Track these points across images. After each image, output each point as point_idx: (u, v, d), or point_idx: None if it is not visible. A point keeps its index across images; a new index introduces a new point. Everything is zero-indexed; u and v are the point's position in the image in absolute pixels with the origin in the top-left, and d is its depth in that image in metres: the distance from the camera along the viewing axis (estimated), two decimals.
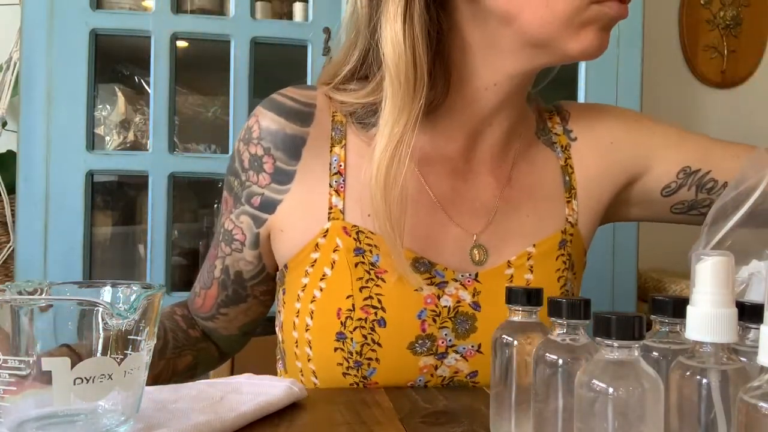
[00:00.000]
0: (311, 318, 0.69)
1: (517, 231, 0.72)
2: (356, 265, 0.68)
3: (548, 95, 1.55)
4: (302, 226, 0.71)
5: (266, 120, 0.72)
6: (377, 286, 0.67)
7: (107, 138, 1.36)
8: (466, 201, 0.72)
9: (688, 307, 0.39)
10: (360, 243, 0.68)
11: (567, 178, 0.77)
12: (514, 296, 0.51)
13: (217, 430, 0.51)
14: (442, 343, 0.68)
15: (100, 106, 1.34)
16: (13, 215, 1.31)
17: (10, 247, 1.33)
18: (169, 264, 1.26)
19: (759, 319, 0.35)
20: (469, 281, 0.69)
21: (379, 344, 0.67)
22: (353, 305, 0.67)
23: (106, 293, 0.54)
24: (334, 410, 0.60)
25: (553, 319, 0.45)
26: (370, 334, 0.66)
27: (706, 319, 0.38)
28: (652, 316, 0.46)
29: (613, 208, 0.80)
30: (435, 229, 0.71)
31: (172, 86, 1.24)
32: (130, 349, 0.48)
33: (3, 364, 0.45)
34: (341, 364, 0.67)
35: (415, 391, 0.67)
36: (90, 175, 1.21)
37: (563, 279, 0.72)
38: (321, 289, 0.69)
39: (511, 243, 0.72)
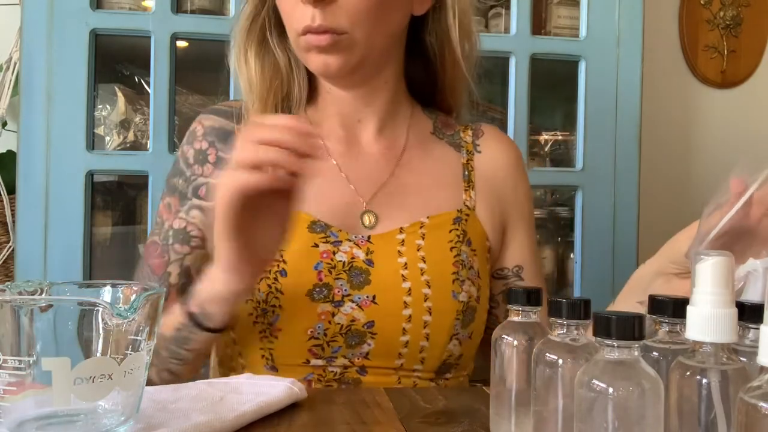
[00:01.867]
0: None
1: (405, 203, 0.83)
2: None
3: (549, 95, 1.54)
4: None
5: (209, 121, 0.85)
6: None
7: (107, 138, 1.36)
8: (358, 173, 0.84)
9: (688, 307, 0.39)
10: None
11: (467, 173, 0.88)
12: (514, 296, 0.51)
13: (217, 430, 0.51)
14: (338, 292, 0.76)
15: (100, 106, 1.34)
16: (13, 215, 1.31)
17: (10, 247, 1.33)
18: None
19: (759, 319, 0.35)
20: (362, 242, 0.79)
21: (281, 292, 0.75)
22: None
23: (106, 293, 0.54)
24: (333, 410, 0.60)
25: (553, 319, 0.45)
26: (273, 283, 0.75)
27: (706, 319, 0.38)
28: (652, 316, 0.46)
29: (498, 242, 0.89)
30: (330, 195, 0.81)
31: (172, 86, 1.24)
32: (130, 349, 0.48)
33: (3, 364, 0.45)
34: (251, 314, 0.76)
35: (415, 391, 0.68)
36: (90, 175, 1.21)
37: (456, 249, 0.80)
38: None
39: (400, 213, 0.82)
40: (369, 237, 0.79)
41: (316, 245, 0.77)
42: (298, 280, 0.75)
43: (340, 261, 0.77)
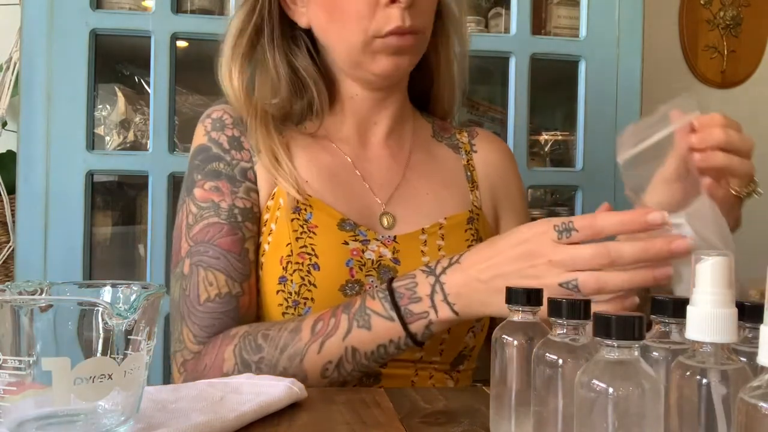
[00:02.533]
0: (261, 269, 0.80)
1: (420, 205, 0.85)
2: (292, 220, 0.79)
3: (549, 95, 1.54)
4: (263, 194, 0.83)
5: (235, 113, 0.85)
6: (310, 237, 0.78)
7: (107, 138, 1.36)
8: (372, 173, 0.86)
9: (688, 307, 0.39)
10: (298, 203, 0.80)
11: (469, 174, 0.91)
12: (514, 296, 0.51)
13: (217, 430, 0.51)
14: (369, 288, 0.77)
15: (100, 106, 1.34)
16: (13, 215, 1.31)
17: (10, 247, 1.33)
18: (169, 264, 1.26)
19: (759, 319, 0.35)
20: (388, 242, 0.81)
21: (314, 285, 0.76)
22: (291, 251, 0.77)
23: (106, 293, 0.54)
24: (334, 410, 0.60)
25: (553, 319, 0.45)
26: (307, 276, 0.77)
27: (706, 319, 0.38)
28: (652, 316, 0.46)
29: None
30: (352, 194, 0.83)
31: (172, 86, 1.24)
32: (130, 349, 0.48)
33: (3, 364, 0.45)
34: (281, 305, 0.77)
35: (415, 391, 0.68)
36: (90, 175, 1.21)
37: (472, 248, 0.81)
38: (269, 243, 0.80)
39: (416, 214, 0.84)
40: (395, 237, 0.81)
41: (346, 243, 0.79)
42: (331, 275, 0.77)
43: (369, 259, 0.79)
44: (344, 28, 0.79)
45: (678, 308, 0.44)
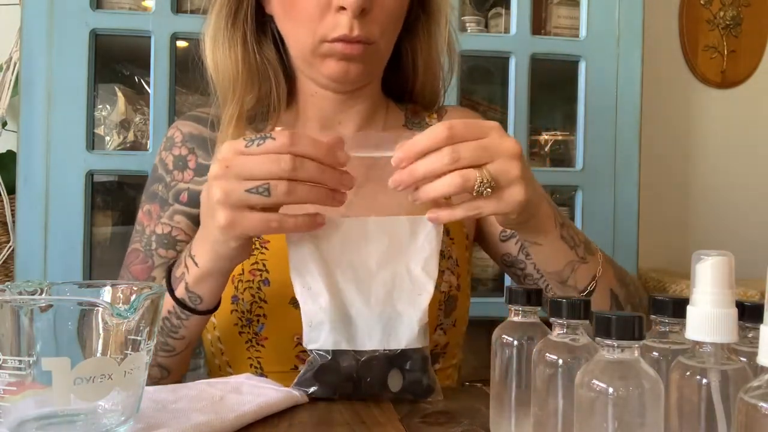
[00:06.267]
0: None
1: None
2: None
3: (549, 95, 1.54)
4: None
5: (187, 127, 0.87)
6: (261, 253, 0.77)
7: (107, 138, 1.36)
8: None
9: (688, 307, 0.39)
10: None
11: None
12: (514, 296, 0.51)
13: (217, 430, 0.51)
14: None
15: (100, 106, 1.34)
16: (13, 215, 1.31)
17: (10, 247, 1.33)
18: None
19: (759, 319, 0.35)
20: None
21: (265, 301, 0.76)
22: (243, 269, 0.77)
23: (106, 293, 0.54)
24: (334, 410, 0.60)
25: (553, 319, 0.45)
26: (257, 293, 0.76)
27: (706, 319, 0.38)
28: (652, 316, 0.46)
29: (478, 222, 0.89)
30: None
31: (172, 86, 1.24)
32: (130, 349, 0.48)
33: (3, 364, 0.45)
34: (237, 324, 0.77)
35: None
36: (90, 175, 1.21)
37: None
38: None
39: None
40: None
41: None
42: (281, 289, 0.75)
43: None
44: (296, 27, 0.78)
45: (678, 308, 0.44)
